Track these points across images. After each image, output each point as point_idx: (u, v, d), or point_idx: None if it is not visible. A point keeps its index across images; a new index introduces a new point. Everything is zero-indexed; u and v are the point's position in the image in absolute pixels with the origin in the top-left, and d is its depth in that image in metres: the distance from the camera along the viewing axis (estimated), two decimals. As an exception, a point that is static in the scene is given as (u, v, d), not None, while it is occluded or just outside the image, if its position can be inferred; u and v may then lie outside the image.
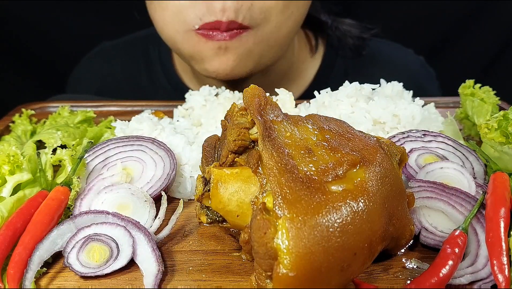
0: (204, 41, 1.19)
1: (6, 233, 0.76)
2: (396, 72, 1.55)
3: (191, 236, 0.85)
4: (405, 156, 0.79)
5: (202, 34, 1.18)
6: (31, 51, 2.05)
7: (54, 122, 1.14)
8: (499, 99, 1.10)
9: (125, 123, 1.09)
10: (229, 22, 1.14)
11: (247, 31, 1.17)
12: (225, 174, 0.75)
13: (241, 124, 0.77)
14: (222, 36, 1.16)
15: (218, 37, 1.16)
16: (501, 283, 0.68)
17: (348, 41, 1.53)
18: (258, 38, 1.20)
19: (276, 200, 0.65)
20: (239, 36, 1.17)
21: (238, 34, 1.17)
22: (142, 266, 0.76)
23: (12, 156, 0.87)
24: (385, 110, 1.03)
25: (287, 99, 1.12)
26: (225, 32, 1.16)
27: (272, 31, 1.21)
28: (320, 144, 0.73)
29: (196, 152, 0.99)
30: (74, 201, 0.86)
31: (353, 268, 0.66)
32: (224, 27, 1.15)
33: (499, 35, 2.01)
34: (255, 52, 1.23)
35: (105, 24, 1.94)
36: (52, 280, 0.76)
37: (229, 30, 1.16)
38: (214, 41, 1.17)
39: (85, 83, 1.69)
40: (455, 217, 0.80)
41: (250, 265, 0.77)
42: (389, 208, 0.71)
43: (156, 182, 0.92)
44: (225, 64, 1.21)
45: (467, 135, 1.13)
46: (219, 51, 1.19)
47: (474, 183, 0.85)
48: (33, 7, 1.95)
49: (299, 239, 0.62)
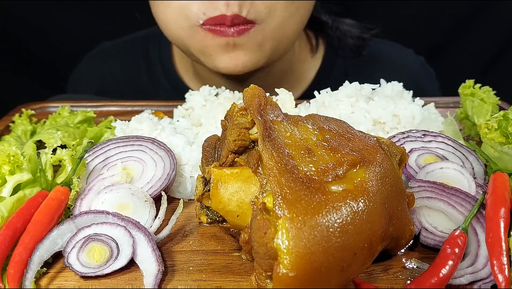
0: (211, 36, 1.18)
1: (6, 233, 0.76)
2: (396, 72, 1.55)
3: (191, 236, 0.85)
4: (405, 156, 0.79)
5: (208, 30, 1.17)
6: (31, 51, 2.05)
7: (54, 122, 1.14)
8: (499, 99, 1.10)
9: (125, 123, 1.09)
10: (233, 16, 1.13)
11: (254, 27, 1.17)
12: (225, 174, 0.75)
13: (241, 124, 0.77)
14: (230, 32, 1.16)
15: (225, 33, 1.16)
16: (501, 283, 0.68)
17: (349, 41, 1.53)
18: (266, 33, 1.20)
19: (276, 200, 0.65)
20: (247, 32, 1.17)
21: (246, 31, 1.16)
22: (142, 266, 0.76)
23: (12, 156, 0.87)
24: (385, 110, 1.03)
25: (287, 99, 1.12)
26: (232, 28, 1.15)
27: (279, 27, 1.21)
28: (320, 144, 0.73)
29: (196, 152, 0.99)
30: (74, 201, 0.86)
31: (353, 268, 0.66)
32: (229, 21, 1.14)
33: (499, 35, 2.01)
34: (266, 48, 1.22)
35: (105, 24, 1.94)
36: (52, 280, 0.76)
37: (235, 25, 1.15)
38: (221, 37, 1.17)
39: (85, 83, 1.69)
40: (455, 217, 0.80)
41: (250, 265, 0.77)
42: (389, 208, 0.71)
43: (156, 182, 0.92)
44: (235, 60, 1.21)
45: (467, 135, 1.13)
46: (228, 47, 1.19)
47: (474, 183, 0.85)
48: (33, 7, 1.95)
49: (299, 239, 0.62)
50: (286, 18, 1.20)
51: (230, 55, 1.20)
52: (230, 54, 1.20)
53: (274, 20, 1.19)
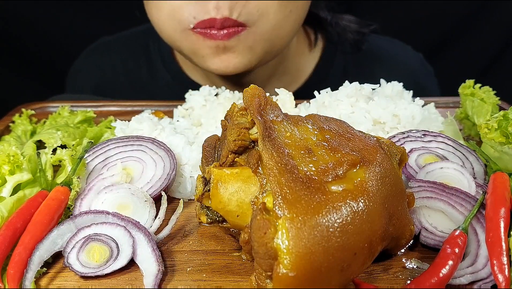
0: (202, 39, 1.18)
1: (6, 233, 0.76)
2: (395, 67, 1.55)
3: (191, 236, 0.85)
4: (405, 156, 0.79)
5: (199, 33, 1.17)
6: (31, 51, 2.05)
7: (54, 122, 1.14)
8: (499, 99, 1.10)
9: (125, 123, 1.09)
10: (223, 20, 1.13)
11: (245, 30, 1.17)
12: (225, 174, 0.75)
13: (241, 124, 0.77)
14: (220, 35, 1.15)
15: (215, 36, 1.16)
16: (501, 283, 0.68)
17: (348, 36, 1.53)
18: (258, 36, 1.19)
19: (276, 200, 0.65)
20: (236, 35, 1.16)
21: (236, 33, 1.16)
22: (142, 266, 0.76)
23: (12, 156, 0.87)
24: (385, 110, 1.03)
25: (287, 99, 1.12)
26: (221, 31, 1.15)
27: (272, 29, 1.20)
28: (320, 144, 0.73)
29: (196, 152, 0.99)
30: (74, 201, 0.86)
31: (353, 268, 0.66)
32: (218, 25, 1.14)
33: (499, 35, 2.01)
34: (257, 50, 1.22)
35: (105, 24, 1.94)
36: (52, 280, 0.76)
37: (225, 28, 1.15)
38: (211, 40, 1.17)
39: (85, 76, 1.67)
40: (455, 217, 0.80)
41: (250, 265, 0.77)
42: (389, 208, 0.71)
43: (156, 182, 0.92)
44: (226, 62, 1.21)
45: (467, 135, 1.13)
46: (218, 50, 1.19)
47: (474, 183, 0.85)
48: (33, 7, 1.95)
49: (299, 239, 0.62)
50: (280, 20, 1.19)
51: (220, 57, 1.20)
52: (221, 57, 1.20)
53: (266, 22, 1.18)
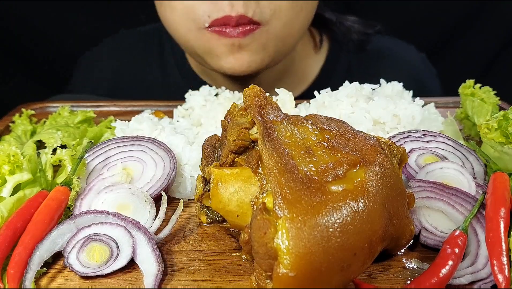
0: (216, 38, 1.19)
1: (6, 233, 0.76)
2: (398, 67, 1.57)
3: (191, 236, 0.85)
4: (405, 156, 0.79)
5: (214, 31, 1.18)
6: (31, 51, 2.05)
7: (54, 122, 1.14)
8: (499, 99, 1.10)
9: (125, 123, 1.09)
10: (239, 17, 1.14)
11: (259, 28, 1.18)
12: (225, 174, 0.75)
13: (241, 124, 0.77)
14: (235, 33, 1.17)
15: (230, 34, 1.17)
16: (501, 283, 0.68)
17: (353, 37, 1.54)
18: (271, 34, 1.21)
19: (276, 200, 0.65)
20: (251, 33, 1.18)
21: (251, 31, 1.17)
22: (142, 266, 0.76)
23: (12, 156, 0.87)
24: (385, 110, 1.03)
25: (287, 99, 1.12)
26: (237, 29, 1.16)
27: (284, 27, 1.22)
28: (320, 144, 0.73)
29: (196, 152, 0.99)
30: (74, 201, 0.86)
31: (353, 268, 0.66)
32: (234, 22, 1.15)
33: (499, 35, 2.01)
34: (270, 49, 1.24)
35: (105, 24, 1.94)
36: (52, 280, 0.76)
37: (240, 25, 1.16)
38: (226, 38, 1.18)
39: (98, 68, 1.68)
40: (455, 217, 0.80)
41: (250, 265, 0.77)
42: (389, 208, 0.71)
43: (156, 182, 0.92)
44: (240, 60, 1.22)
45: (467, 135, 1.13)
46: (233, 48, 1.20)
47: (474, 183, 0.85)
48: (33, 7, 1.95)
49: (299, 239, 0.62)
50: (291, 19, 1.21)
51: (235, 56, 1.21)
52: (235, 55, 1.21)
53: (279, 21, 1.20)
